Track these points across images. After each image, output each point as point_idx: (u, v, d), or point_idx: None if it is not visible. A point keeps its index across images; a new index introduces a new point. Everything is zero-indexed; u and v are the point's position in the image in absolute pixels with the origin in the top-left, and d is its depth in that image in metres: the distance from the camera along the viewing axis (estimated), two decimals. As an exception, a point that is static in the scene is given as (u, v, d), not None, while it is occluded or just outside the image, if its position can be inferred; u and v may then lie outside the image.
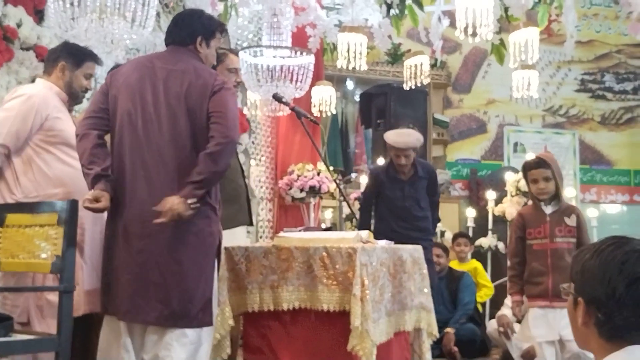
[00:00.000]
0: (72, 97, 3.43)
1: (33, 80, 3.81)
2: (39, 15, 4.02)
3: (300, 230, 3.78)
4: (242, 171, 3.95)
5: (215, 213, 3.06)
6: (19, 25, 3.86)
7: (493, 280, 6.39)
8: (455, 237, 6.46)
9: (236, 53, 4.16)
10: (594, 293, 1.56)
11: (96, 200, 2.93)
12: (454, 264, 6.19)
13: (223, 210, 3.60)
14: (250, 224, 4.06)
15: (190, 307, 2.93)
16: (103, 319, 3.10)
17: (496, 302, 6.09)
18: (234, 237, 3.68)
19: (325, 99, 6.13)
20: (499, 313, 5.11)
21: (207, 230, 3.01)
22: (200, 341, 3.00)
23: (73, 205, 2.80)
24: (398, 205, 4.77)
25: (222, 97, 3.01)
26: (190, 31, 3.15)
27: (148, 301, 2.92)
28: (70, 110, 3.46)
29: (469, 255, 6.41)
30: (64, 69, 3.38)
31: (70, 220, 2.76)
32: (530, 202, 4.66)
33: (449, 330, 5.31)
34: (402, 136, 4.74)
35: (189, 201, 2.87)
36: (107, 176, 2.98)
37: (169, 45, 3.20)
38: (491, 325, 5.35)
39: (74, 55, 3.40)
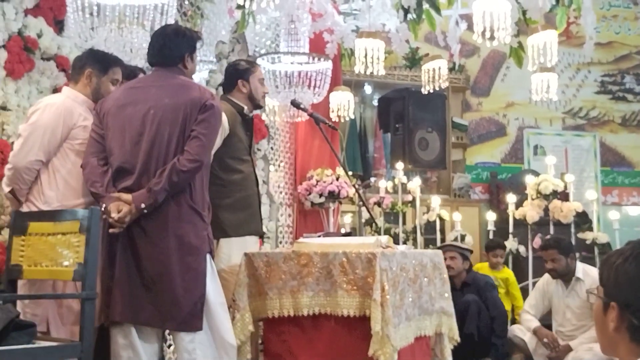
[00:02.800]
0: None
1: (54, 91, 3.86)
2: (59, 26, 4.06)
3: (319, 236, 3.79)
4: (257, 180, 3.95)
5: (201, 218, 3.10)
6: (39, 36, 3.90)
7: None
8: (493, 248, 6.39)
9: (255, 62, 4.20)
10: (629, 298, 1.54)
11: (118, 211, 2.99)
12: (485, 270, 6.19)
13: (231, 216, 3.63)
14: (260, 234, 4.06)
15: (177, 310, 2.98)
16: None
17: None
18: (245, 246, 3.68)
19: (343, 104, 6.12)
20: (534, 326, 5.10)
21: (191, 235, 3.04)
22: None
23: (95, 213, 2.83)
24: None
25: (211, 116, 3.09)
26: (179, 52, 3.22)
27: (139, 302, 3.00)
28: None
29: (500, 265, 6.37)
30: (90, 75, 3.39)
31: (92, 228, 2.79)
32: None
33: None
34: None
35: (142, 206, 2.96)
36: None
37: (154, 66, 3.25)
38: (512, 331, 5.32)
39: (100, 62, 3.43)
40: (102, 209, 2.99)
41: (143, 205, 2.96)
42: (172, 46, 3.20)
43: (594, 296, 1.63)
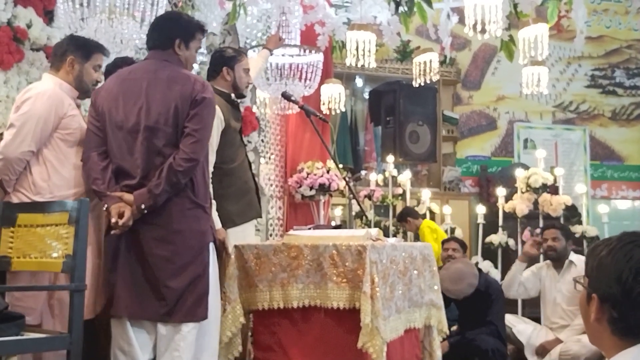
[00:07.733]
0: (83, 92, 3.38)
1: (43, 81, 3.83)
2: (48, 16, 4.03)
3: (310, 228, 3.79)
4: (250, 166, 3.96)
5: (204, 211, 3.10)
6: (29, 26, 3.88)
7: (502, 277, 6.38)
8: (403, 218, 6.70)
9: (245, 53, 4.17)
10: (609, 291, 1.52)
11: (120, 216, 2.98)
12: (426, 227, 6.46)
13: (234, 206, 3.64)
14: (260, 216, 4.07)
15: (181, 303, 2.99)
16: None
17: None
18: (244, 234, 3.70)
19: (334, 97, 6.13)
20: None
21: (194, 229, 3.05)
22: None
23: (84, 204, 2.81)
24: None
25: (203, 110, 3.05)
26: (168, 35, 3.17)
27: (144, 298, 3.00)
28: (78, 106, 3.44)
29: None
30: (72, 62, 3.33)
31: (81, 220, 2.78)
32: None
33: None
34: (457, 284, 4.80)
35: (142, 207, 2.96)
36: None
37: (150, 50, 3.23)
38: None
39: (82, 48, 3.37)
40: (104, 208, 3.01)
41: (143, 206, 2.96)
42: (161, 28, 3.19)
43: (580, 285, 1.61)
